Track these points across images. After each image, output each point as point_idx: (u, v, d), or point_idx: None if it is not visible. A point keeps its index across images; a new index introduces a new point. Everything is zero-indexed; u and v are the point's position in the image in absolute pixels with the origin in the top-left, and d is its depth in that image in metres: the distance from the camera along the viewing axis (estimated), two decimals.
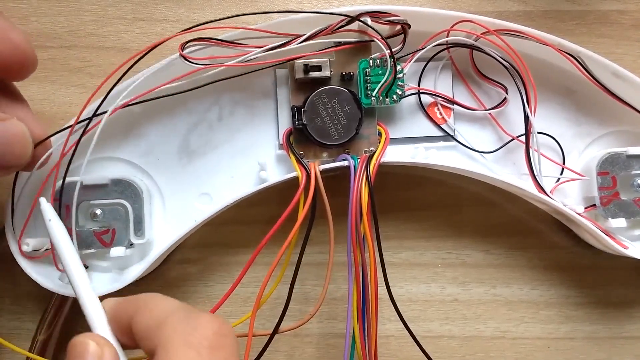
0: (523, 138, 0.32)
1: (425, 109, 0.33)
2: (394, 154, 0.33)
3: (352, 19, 0.29)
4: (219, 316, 0.22)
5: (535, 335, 0.34)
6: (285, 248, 0.28)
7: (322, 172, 0.29)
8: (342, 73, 0.31)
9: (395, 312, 0.29)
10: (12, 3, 0.35)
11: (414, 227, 0.35)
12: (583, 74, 0.32)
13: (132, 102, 0.29)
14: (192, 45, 0.29)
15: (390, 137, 0.31)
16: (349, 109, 0.31)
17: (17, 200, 0.30)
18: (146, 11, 0.35)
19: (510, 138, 0.33)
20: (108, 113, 0.29)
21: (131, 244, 0.31)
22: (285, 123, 0.32)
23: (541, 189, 0.31)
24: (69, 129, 0.29)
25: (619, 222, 0.32)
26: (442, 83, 0.33)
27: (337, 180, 0.30)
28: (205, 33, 0.29)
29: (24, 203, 0.31)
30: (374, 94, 0.31)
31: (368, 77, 0.31)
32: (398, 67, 0.31)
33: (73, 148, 0.29)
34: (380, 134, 0.32)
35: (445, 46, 0.32)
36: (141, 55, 0.29)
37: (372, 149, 0.31)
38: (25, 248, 0.30)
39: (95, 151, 0.32)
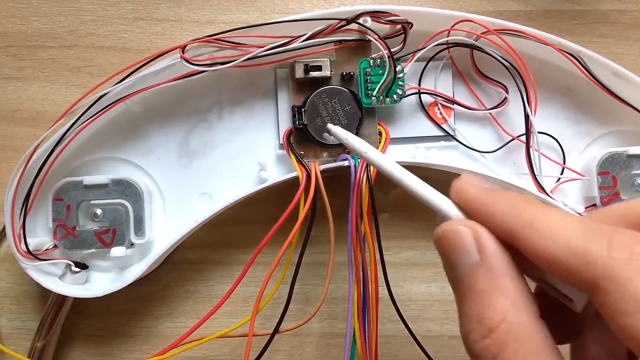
0: (523, 138, 0.32)
1: (426, 108, 0.33)
2: (394, 154, 0.33)
3: (348, 21, 0.29)
4: None
5: None
6: (286, 248, 0.28)
7: (322, 172, 0.29)
8: (342, 73, 0.31)
9: (396, 312, 0.29)
10: (12, 3, 0.35)
11: (414, 227, 0.35)
12: (583, 74, 0.32)
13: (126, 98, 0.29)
14: (192, 47, 0.29)
15: (391, 137, 0.31)
16: (350, 108, 0.31)
17: (17, 200, 0.30)
18: (146, 11, 0.35)
19: (511, 138, 0.33)
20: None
21: (132, 244, 0.31)
22: (286, 123, 0.32)
23: (541, 188, 0.31)
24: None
25: None
26: (442, 83, 0.33)
27: (338, 180, 0.30)
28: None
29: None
30: (374, 93, 0.31)
31: (368, 77, 0.31)
32: (398, 67, 0.31)
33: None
34: (380, 134, 0.32)
35: (445, 46, 0.32)
36: (148, 59, 0.29)
37: None
38: (25, 248, 0.30)
39: (95, 151, 0.33)
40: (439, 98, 0.33)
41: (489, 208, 0.18)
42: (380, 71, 0.31)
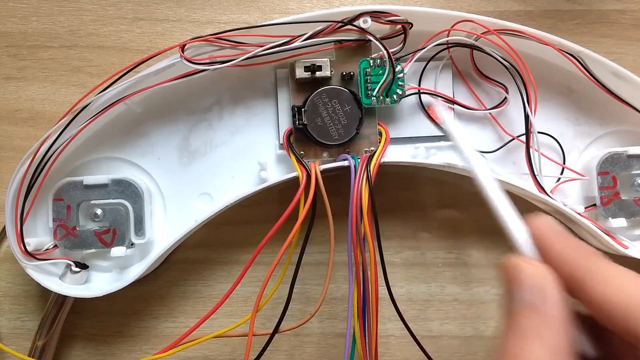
0: (523, 138, 0.32)
1: (426, 108, 0.33)
2: (394, 154, 0.33)
3: (345, 23, 0.29)
4: None
5: None
6: (286, 248, 0.28)
7: (322, 172, 0.29)
8: (342, 73, 0.31)
9: (396, 312, 0.29)
10: (12, 3, 0.35)
11: (414, 227, 0.35)
12: (583, 74, 0.32)
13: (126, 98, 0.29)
14: (192, 46, 0.29)
15: (391, 137, 0.31)
16: (350, 108, 0.31)
17: (17, 200, 0.30)
18: (147, 11, 0.35)
19: (511, 138, 0.33)
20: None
21: (132, 244, 0.31)
22: (286, 123, 0.32)
23: (541, 188, 0.31)
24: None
25: (620, 222, 0.32)
26: (442, 83, 0.33)
27: (338, 180, 0.30)
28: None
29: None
30: (374, 93, 0.31)
31: (368, 77, 0.31)
32: (398, 67, 0.31)
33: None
34: (380, 134, 0.32)
35: (445, 46, 0.32)
36: (147, 58, 0.29)
37: (372, 148, 0.31)
38: (25, 248, 0.30)
39: (95, 151, 0.33)
40: (439, 98, 0.33)
41: (561, 249, 0.19)
42: (380, 71, 0.31)
